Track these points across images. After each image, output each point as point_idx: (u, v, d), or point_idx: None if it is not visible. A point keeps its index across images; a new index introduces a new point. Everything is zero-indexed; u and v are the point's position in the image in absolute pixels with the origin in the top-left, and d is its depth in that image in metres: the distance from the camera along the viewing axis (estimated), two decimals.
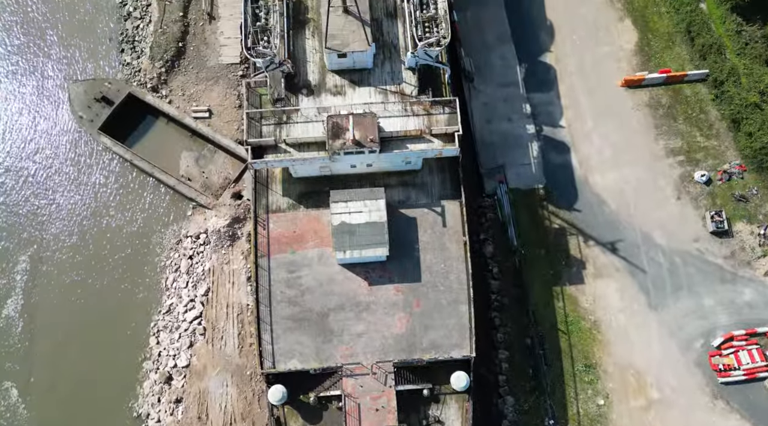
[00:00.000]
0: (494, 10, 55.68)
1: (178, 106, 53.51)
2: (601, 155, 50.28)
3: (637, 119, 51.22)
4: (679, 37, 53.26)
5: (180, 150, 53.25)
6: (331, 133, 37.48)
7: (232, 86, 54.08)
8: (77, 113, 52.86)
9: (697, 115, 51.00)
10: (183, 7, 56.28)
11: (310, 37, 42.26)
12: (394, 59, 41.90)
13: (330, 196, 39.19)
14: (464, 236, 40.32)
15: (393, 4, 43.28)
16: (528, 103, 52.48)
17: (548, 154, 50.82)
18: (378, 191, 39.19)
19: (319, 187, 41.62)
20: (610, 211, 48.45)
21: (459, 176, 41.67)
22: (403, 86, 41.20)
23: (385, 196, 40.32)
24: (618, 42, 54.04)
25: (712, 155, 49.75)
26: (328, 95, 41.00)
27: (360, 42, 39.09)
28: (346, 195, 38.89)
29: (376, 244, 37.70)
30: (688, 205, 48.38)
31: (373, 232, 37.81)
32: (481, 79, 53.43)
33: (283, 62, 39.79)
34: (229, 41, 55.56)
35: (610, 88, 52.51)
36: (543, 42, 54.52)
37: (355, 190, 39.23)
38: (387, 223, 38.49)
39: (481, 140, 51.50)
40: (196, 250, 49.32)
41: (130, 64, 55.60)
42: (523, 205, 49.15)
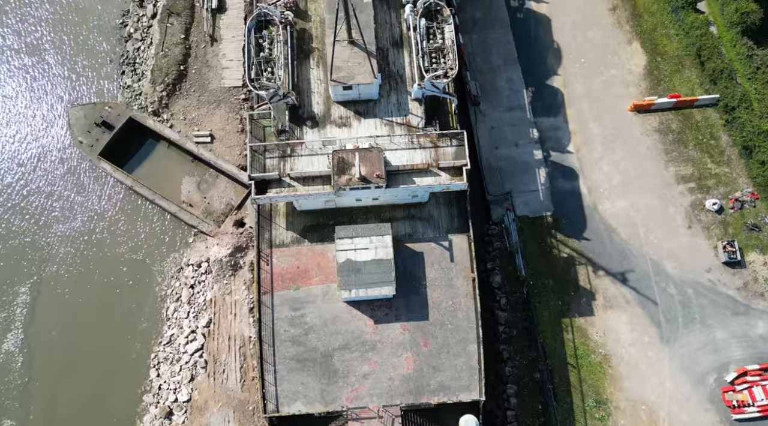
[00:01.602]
0: (501, 32, 54.11)
1: (179, 130, 51.96)
2: (611, 182, 48.72)
3: (646, 145, 49.67)
4: (689, 61, 51.70)
5: (181, 175, 51.69)
6: (337, 168, 35.93)
7: (234, 110, 52.56)
8: (77, 138, 51.30)
9: (708, 141, 49.45)
10: (184, 29, 54.79)
11: (315, 67, 40.72)
12: (400, 90, 40.38)
13: (335, 232, 37.64)
14: (473, 272, 38.79)
15: (399, 32, 41.76)
16: (535, 128, 50.90)
17: (556, 180, 49.26)
18: (384, 227, 37.60)
19: (324, 220, 40.05)
20: (620, 239, 46.88)
21: (467, 209, 40.04)
22: (410, 118, 39.68)
23: (392, 230, 38.78)
24: (627, 65, 52.49)
25: (723, 182, 48.17)
26: (333, 127, 39.48)
27: (365, 74, 37.54)
28: (352, 231, 37.33)
29: (383, 282, 36.11)
30: (700, 234, 46.82)
31: (379, 270, 36.25)
32: (488, 102, 51.88)
33: (288, 94, 38.31)
34: (231, 64, 54.04)
35: (618, 112, 50.95)
36: (550, 65, 53.00)
37: (360, 226, 37.62)
38: (393, 260, 36.99)
39: (487, 166, 49.92)
40: (198, 279, 47.76)
41: (131, 87, 54.06)
42: (531, 234, 47.58)
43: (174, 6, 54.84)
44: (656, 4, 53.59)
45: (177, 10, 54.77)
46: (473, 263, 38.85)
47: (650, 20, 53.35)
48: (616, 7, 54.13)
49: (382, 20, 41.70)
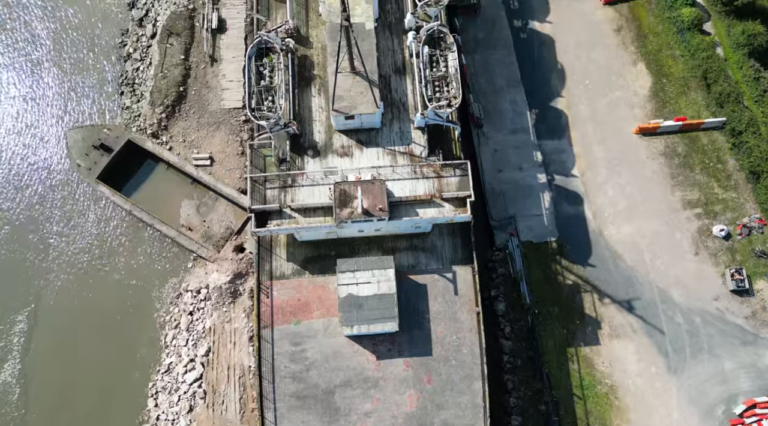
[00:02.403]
0: (504, 52, 52.90)
1: (178, 153, 50.83)
2: (616, 207, 47.54)
3: (652, 169, 48.49)
4: (695, 82, 50.53)
5: (181, 198, 50.52)
6: (339, 201, 34.77)
7: (234, 132, 51.40)
8: (75, 161, 50.15)
9: (715, 165, 48.29)
10: (184, 49, 53.66)
11: (317, 95, 39.57)
12: (403, 118, 39.22)
13: (336, 265, 36.48)
14: (477, 307, 37.65)
15: (401, 59, 40.60)
16: (539, 151, 49.70)
17: (561, 204, 48.09)
18: (387, 260, 36.36)
19: (325, 251, 38.74)
20: (626, 266, 45.69)
21: (471, 240, 38.83)
22: (413, 147, 38.50)
23: (394, 261, 37.64)
24: (632, 87, 51.32)
25: (730, 208, 47.03)
26: (334, 156, 38.33)
27: (368, 104, 36.37)
28: (353, 264, 36.13)
29: (385, 318, 34.85)
30: (707, 261, 45.64)
31: (381, 306, 35.05)
32: (491, 125, 50.70)
33: (289, 124, 37.20)
34: (231, 84, 52.89)
35: (624, 135, 49.78)
36: (554, 86, 51.82)
37: (362, 259, 36.32)
38: (396, 294, 35.87)
39: (491, 190, 48.72)
40: (197, 305, 46.59)
41: (130, 108, 52.93)
42: (535, 260, 46.39)
43: (173, 26, 53.75)
44: (661, 24, 52.49)
45: (176, 30, 53.68)
46: (478, 297, 37.68)
47: (655, 41, 52.24)
48: (620, 28, 53.02)
49: (384, 46, 40.59)
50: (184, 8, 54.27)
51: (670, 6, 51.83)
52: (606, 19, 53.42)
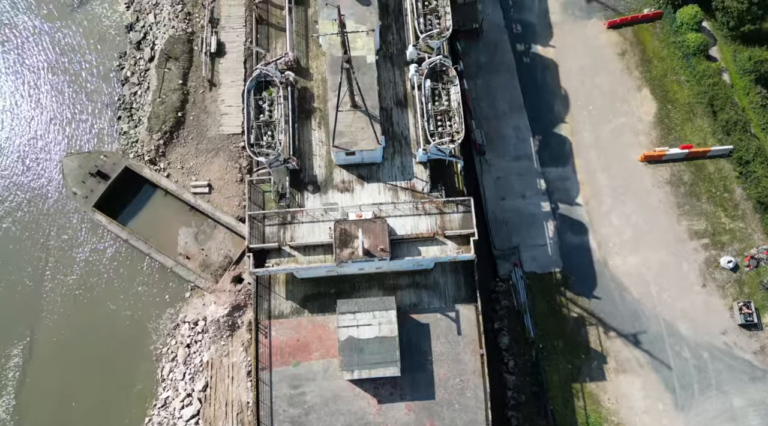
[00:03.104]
0: (506, 77, 51.56)
1: (176, 180, 49.55)
2: (621, 237, 46.23)
3: (658, 198, 47.22)
4: (701, 109, 49.28)
5: (178, 225, 49.16)
6: (339, 241, 33.49)
7: (233, 158, 50.10)
8: (71, 189, 48.85)
9: (722, 194, 47.02)
10: (182, 74, 52.36)
11: (317, 128, 38.30)
12: (405, 152, 37.93)
13: (337, 306, 35.18)
14: (481, 348, 36.34)
15: (403, 91, 39.28)
16: (542, 179, 48.45)
17: (565, 234, 46.79)
18: (388, 301, 35.01)
19: (325, 288, 37.33)
20: (632, 298, 44.38)
21: (474, 278, 37.52)
22: (414, 182, 37.22)
23: (396, 299, 36.37)
24: (636, 113, 50.05)
25: (738, 238, 45.74)
26: (335, 192, 37.02)
27: (369, 140, 35.06)
28: (354, 305, 34.79)
29: (387, 362, 33.43)
30: (715, 293, 44.35)
31: (383, 349, 33.67)
32: (493, 151, 49.40)
33: (289, 159, 36.00)
34: (230, 110, 51.61)
35: (628, 163, 48.47)
36: (557, 112, 50.56)
37: (363, 300, 34.93)
38: (398, 337, 34.56)
39: (494, 218, 47.42)
40: (194, 338, 45.25)
41: (127, 133, 51.64)
42: (540, 291, 45.06)
43: (172, 50, 52.54)
44: (666, 49, 51.24)
45: (175, 54, 52.46)
46: (482, 338, 36.33)
47: (660, 66, 51.00)
48: (624, 52, 51.78)
49: (386, 78, 39.29)
50: (182, 32, 53.09)
51: (675, 31, 50.64)
52: (610, 43, 52.20)
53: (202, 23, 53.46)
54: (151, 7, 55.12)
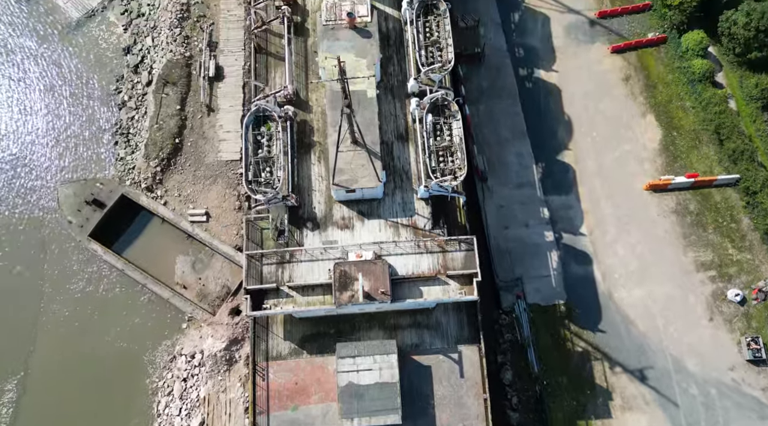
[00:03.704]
0: (509, 102, 50.32)
1: (173, 208, 48.30)
2: (627, 268, 44.96)
3: (664, 228, 45.98)
4: (707, 136, 48.05)
5: (176, 254, 47.90)
6: (339, 283, 32.26)
7: (231, 186, 48.86)
8: (66, 218, 47.58)
9: (728, 224, 45.80)
10: (180, 99, 51.18)
11: (316, 163, 37.07)
12: (406, 188, 36.67)
13: (336, 350, 33.91)
14: (485, 393, 35.07)
15: (404, 125, 38.07)
16: (546, 207, 47.26)
17: (569, 265, 45.51)
18: (389, 345, 33.60)
19: (324, 328, 35.87)
20: (638, 332, 43.11)
21: (478, 317, 36.27)
22: (416, 218, 35.96)
23: (397, 339, 35.11)
24: (641, 140, 48.79)
25: (745, 270, 44.49)
26: (335, 229, 35.79)
27: (370, 178, 33.83)
28: (354, 349, 33.45)
29: (388, 410, 32.03)
30: (722, 327, 43.11)
31: (383, 396, 32.34)
32: (495, 178, 48.19)
33: (288, 197, 34.84)
34: (228, 135, 50.37)
35: (633, 191, 47.21)
36: (561, 139, 49.34)
37: (363, 343, 33.60)
38: (399, 382, 33.27)
39: (496, 248, 46.16)
40: (191, 372, 43.96)
41: (124, 159, 50.41)
42: (543, 324, 43.76)
43: (169, 75, 51.35)
44: (671, 74, 50.05)
45: (172, 79, 51.28)
46: (485, 381, 35.05)
47: (665, 91, 49.79)
48: (629, 77, 50.58)
49: (386, 111, 38.09)
50: (180, 56, 51.92)
51: (680, 56, 49.47)
52: (614, 67, 51.01)
53: (201, 47, 52.36)
54: (149, 30, 54.02)
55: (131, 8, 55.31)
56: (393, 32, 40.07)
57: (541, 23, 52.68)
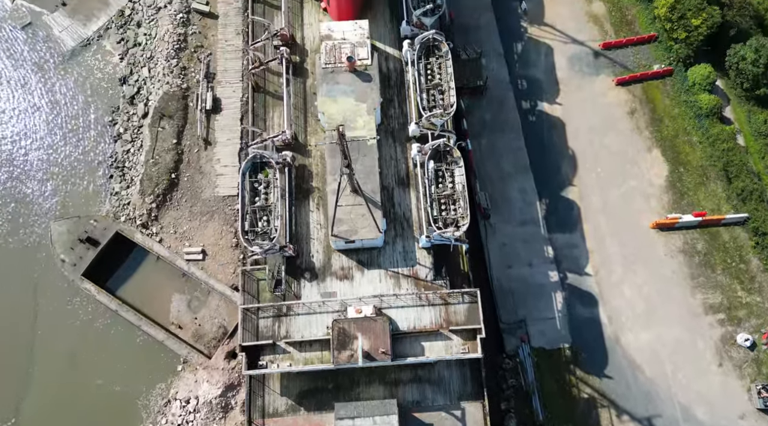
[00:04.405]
0: (512, 136, 48.95)
1: (169, 245, 46.92)
2: (633, 310, 43.57)
3: (671, 268, 44.57)
4: (714, 172, 46.69)
5: (171, 292, 46.46)
6: (337, 342, 30.84)
7: (228, 222, 47.48)
8: (59, 257, 46.34)
9: (737, 265, 44.44)
10: (176, 132, 49.89)
11: (315, 210, 35.74)
12: (407, 235, 35.30)
13: (334, 411, 32.60)
14: None
15: (405, 169, 36.71)
16: (550, 246, 45.90)
17: (574, 306, 44.10)
18: (389, 405, 31.91)
19: (323, 383, 34.11)
20: (645, 378, 41.68)
21: (481, 373, 34.85)
22: (417, 269, 34.60)
23: (398, 395, 33.73)
24: (647, 176, 47.46)
25: (755, 313, 43.12)
26: (333, 279, 34.42)
27: (370, 228, 32.51)
28: (353, 410, 31.84)
29: None
30: (732, 373, 41.71)
31: None
32: (498, 215, 46.79)
33: (285, 247, 33.56)
34: (225, 170, 49.00)
35: (639, 229, 45.78)
36: (565, 174, 47.96)
37: (363, 404, 31.78)
38: None
39: (499, 288, 44.71)
40: (185, 417, 42.35)
41: (119, 194, 49.05)
42: (548, 369, 42.33)
43: (166, 108, 50.07)
44: (677, 108, 48.76)
45: (169, 112, 49.98)
46: None
47: (671, 126, 48.50)
48: (634, 111, 49.32)
49: (387, 155, 36.75)
50: (177, 88, 50.65)
51: (687, 90, 48.12)
52: (619, 101, 49.73)
53: (198, 78, 51.13)
54: (146, 60, 52.78)
55: (127, 37, 54.12)
56: (393, 73, 38.81)
57: (544, 54, 51.43)
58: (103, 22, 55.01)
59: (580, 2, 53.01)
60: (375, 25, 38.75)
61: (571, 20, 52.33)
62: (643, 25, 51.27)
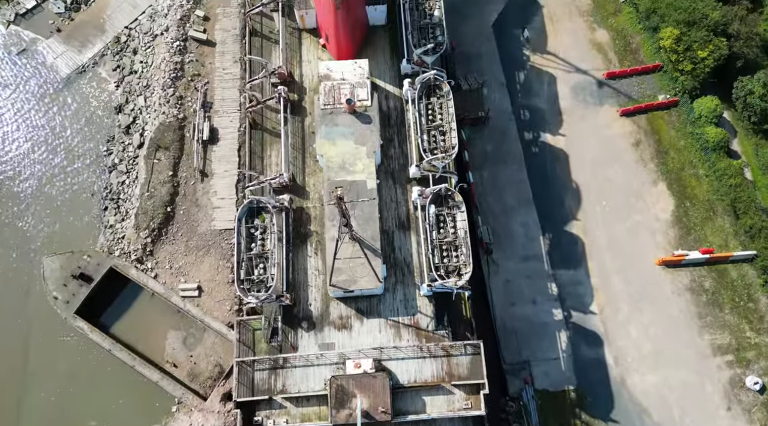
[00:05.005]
0: (514, 168, 47.76)
1: (164, 281, 45.77)
2: (640, 351, 42.40)
3: (678, 307, 43.46)
4: (721, 207, 45.77)
5: (166, 329, 45.23)
6: (335, 400, 29.63)
7: (225, 257, 46.34)
8: (51, 294, 45.20)
9: (746, 304, 43.33)
10: (173, 164, 48.83)
11: (313, 255, 34.64)
12: (407, 282, 34.17)
13: None
14: None
15: (406, 212, 35.68)
16: (554, 283, 44.87)
17: (579, 346, 42.91)
18: None
19: None
20: (652, 423, 40.18)
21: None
22: (418, 318, 33.47)
23: None
24: (652, 210, 46.41)
25: (764, 355, 41.88)
26: (331, 329, 33.29)
27: (369, 278, 31.55)
28: None
29: None
30: (740, 417, 40.44)
31: None
32: (501, 251, 45.62)
33: (282, 297, 32.51)
34: (222, 203, 47.93)
35: (645, 266, 44.65)
36: (569, 208, 46.90)
37: None
38: None
39: (502, 327, 43.54)
40: None
41: (113, 227, 47.88)
42: (552, 412, 41.11)
43: (162, 139, 49.02)
44: (683, 139, 47.73)
45: (165, 143, 48.92)
46: None
47: (677, 158, 47.47)
48: (639, 142, 48.28)
49: (387, 197, 35.67)
50: (173, 118, 49.57)
51: (693, 121, 47.17)
52: (623, 132, 48.68)
53: (195, 107, 50.08)
54: (142, 89, 51.77)
55: (123, 64, 53.15)
56: (394, 111, 37.75)
57: (547, 83, 50.44)
58: (98, 48, 54.01)
59: (583, 30, 52.03)
60: (375, 62, 37.77)
61: (575, 48, 51.37)
62: (647, 54, 50.30)
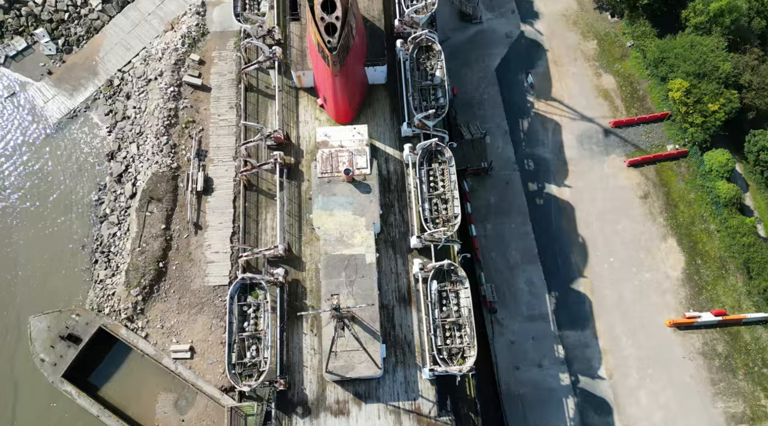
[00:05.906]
0: (518, 221, 45.94)
1: (155, 342, 43.89)
2: (650, 420, 40.19)
3: (690, 372, 41.63)
4: (734, 264, 44.18)
5: (157, 391, 43.31)
6: None
7: (219, 315, 44.47)
8: (38, 356, 43.45)
9: (760, 370, 41.49)
10: (165, 216, 47.02)
11: (308, 333, 32.88)
12: (409, 363, 32.35)
13: None
14: None
15: (406, 284, 34.03)
16: (560, 344, 43.14)
17: (587, 414, 40.99)
18: None
19: None
20: None
21: None
22: (420, 402, 31.74)
23: None
24: (662, 267, 44.65)
25: None
26: (327, 415, 31.36)
27: (367, 365, 29.87)
28: None
29: None
30: None
31: None
32: (505, 310, 43.84)
33: (275, 382, 30.76)
34: (217, 257, 46.10)
35: (655, 327, 42.80)
36: (575, 264, 45.17)
37: None
38: None
39: (507, 393, 41.62)
40: None
41: (103, 282, 46.10)
42: None
43: (154, 190, 47.24)
44: (693, 192, 46.05)
45: (158, 195, 47.16)
46: None
47: (687, 212, 45.81)
48: (647, 195, 46.66)
49: (387, 268, 33.89)
50: (167, 168, 47.80)
51: (703, 174, 45.61)
52: (631, 184, 46.97)
53: (189, 156, 48.52)
54: (135, 136, 50.16)
55: (116, 109, 51.58)
56: (394, 175, 36.06)
57: (552, 132, 48.88)
58: (90, 92, 52.50)
59: (589, 75, 50.56)
60: (375, 124, 36.18)
61: (580, 95, 49.88)
62: (655, 102, 48.79)
